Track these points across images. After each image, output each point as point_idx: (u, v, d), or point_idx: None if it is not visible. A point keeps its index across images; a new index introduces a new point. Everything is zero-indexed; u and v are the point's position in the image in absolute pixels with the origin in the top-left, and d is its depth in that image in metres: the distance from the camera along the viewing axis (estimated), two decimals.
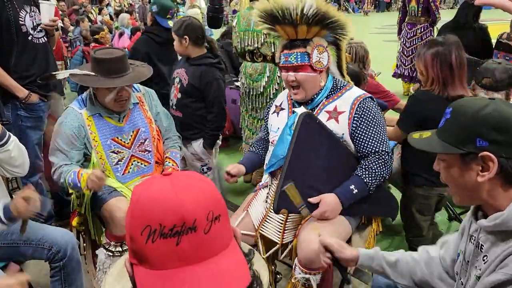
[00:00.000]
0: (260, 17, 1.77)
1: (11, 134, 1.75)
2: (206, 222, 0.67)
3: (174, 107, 2.56)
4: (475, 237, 1.10)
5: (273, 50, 2.98)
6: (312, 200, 1.67)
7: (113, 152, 2.02)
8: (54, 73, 2.27)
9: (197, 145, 2.69)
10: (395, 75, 5.75)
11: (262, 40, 2.98)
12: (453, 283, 1.23)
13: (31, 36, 2.46)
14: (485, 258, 1.05)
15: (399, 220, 2.84)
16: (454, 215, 2.72)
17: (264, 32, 2.92)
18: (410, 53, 5.50)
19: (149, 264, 0.67)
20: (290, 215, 1.75)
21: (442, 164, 1.09)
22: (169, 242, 0.65)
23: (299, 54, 1.72)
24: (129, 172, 2.07)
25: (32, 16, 2.45)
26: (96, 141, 1.99)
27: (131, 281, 0.71)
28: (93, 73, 1.92)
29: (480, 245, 1.08)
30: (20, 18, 2.40)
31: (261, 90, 3.07)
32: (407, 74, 5.58)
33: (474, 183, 1.02)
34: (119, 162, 2.04)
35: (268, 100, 3.09)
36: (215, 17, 3.61)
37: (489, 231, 1.04)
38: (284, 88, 3.08)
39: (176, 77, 2.56)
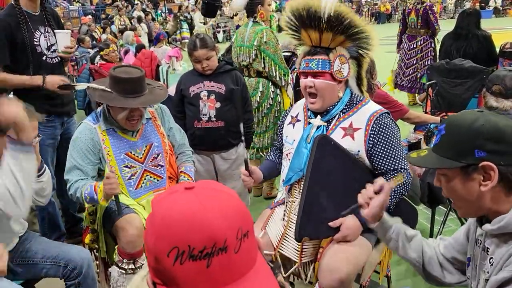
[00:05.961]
0: (289, 18, 1.76)
1: (46, 166, 1.79)
2: (236, 240, 0.63)
3: (213, 118, 2.57)
4: (481, 240, 1.14)
5: (263, 66, 3.05)
6: (333, 224, 1.65)
7: (127, 166, 2.03)
8: (73, 84, 2.30)
9: (243, 148, 2.74)
10: (396, 86, 5.77)
11: (254, 56, 3.03)
12: (455, 271, 1.29)
13: (45, 56, 2.50)
14: (491, 260, 1.09)
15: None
16: None
17: (255, 46, 3.01)
18: (410, 64, 5.52)
19: (176, 286, 0.63)
20: None
21: (444, 179, 1.12)
22: (199, 265, 0.61)
23: (320, 61, 1.70)
24: (141, 186, 2.08)
25: (46, 37, 2.51)
26: (110, 156, 2.00)
27: None
28: (109, 90, 1.95)
29: (486, 248, 1.11)
30: (35, 39, 2.45)
31: (256, 105, 3.12)
32: (406, 85, 5.60)
33: (477, 194, 1.06)
34: (132, 177, 2.05)
35: (263, 115, 3.16)
36: (211, 4, 3.43)
37: (494, 234, 1.08)
38: (278, 103, 3.16)
39: (201, 91, 2.57)
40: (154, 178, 2.11)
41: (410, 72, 5.49)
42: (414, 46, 5.46)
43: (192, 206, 0.63)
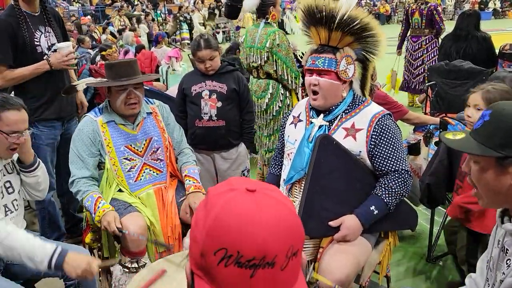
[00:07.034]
0: (303, 13, 1.78)
1: (40, 160, 1.85)
2: (285, 258, 0.63)
3: (214, 117, 2.58)
4: (500, 241, 1.11)
5: (275, 68, 3.04)
6: (333, 223, 1.66)
7: (126, 159, 2.08)
8: (74, 83, 2.34)
9: (243, 148, 2.76)
10: (402, 89, 5.75)
11: (265, 58, 3.02)
12: None
13: (46, 56, 2.49)
14: (508, 261, 1.05)
15: (411, 232, 2.83)
16: None
17: (267, 48, 3.01)
18: (417, 65, 5.49)
19: (216, 284, 0.63)
20: None
21: (475, 167, 1.07)
22: (243, 272, 0.61)
23: (327, 59, 1.71)
24: (141, 179, 2.11)
25: (46, 37, 2.51)
26: (110, 148, 2.06)
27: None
28: (105, 79, 2.07)
29: (505, 249, 1.08)
30: (35, 39, 2.45)
31: (265, 107, 3.11)
32: (414, 87, 5.56)
33: (508, 187, 1.02)
34: (132, 169, 2.09)
35: (271, 117, 3.14)
36: (234, 6, 3.49)
37: None
38: (287, 106, 3.15)
39: (203, 90, 2.58)
40: (153, 172, 2.14)
41: (420, 72, 5.46)
42: (419, 45, 5.44)
43: (250, 214, 0.63)
